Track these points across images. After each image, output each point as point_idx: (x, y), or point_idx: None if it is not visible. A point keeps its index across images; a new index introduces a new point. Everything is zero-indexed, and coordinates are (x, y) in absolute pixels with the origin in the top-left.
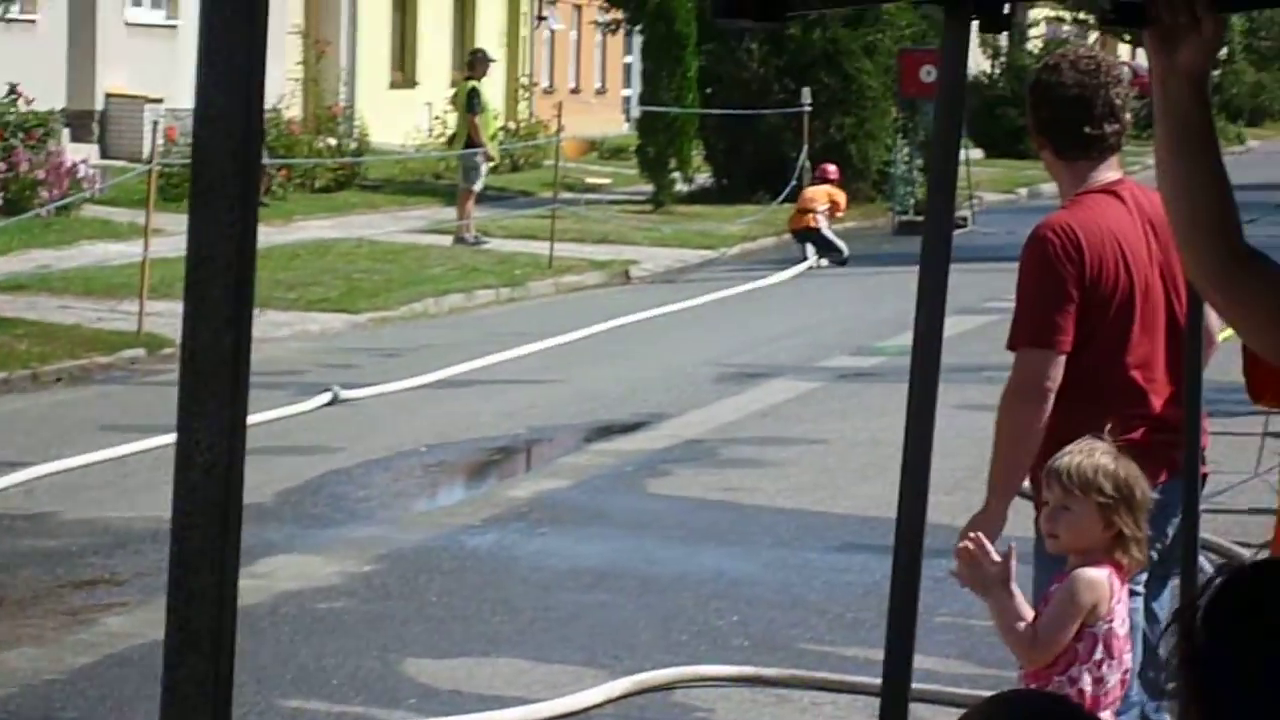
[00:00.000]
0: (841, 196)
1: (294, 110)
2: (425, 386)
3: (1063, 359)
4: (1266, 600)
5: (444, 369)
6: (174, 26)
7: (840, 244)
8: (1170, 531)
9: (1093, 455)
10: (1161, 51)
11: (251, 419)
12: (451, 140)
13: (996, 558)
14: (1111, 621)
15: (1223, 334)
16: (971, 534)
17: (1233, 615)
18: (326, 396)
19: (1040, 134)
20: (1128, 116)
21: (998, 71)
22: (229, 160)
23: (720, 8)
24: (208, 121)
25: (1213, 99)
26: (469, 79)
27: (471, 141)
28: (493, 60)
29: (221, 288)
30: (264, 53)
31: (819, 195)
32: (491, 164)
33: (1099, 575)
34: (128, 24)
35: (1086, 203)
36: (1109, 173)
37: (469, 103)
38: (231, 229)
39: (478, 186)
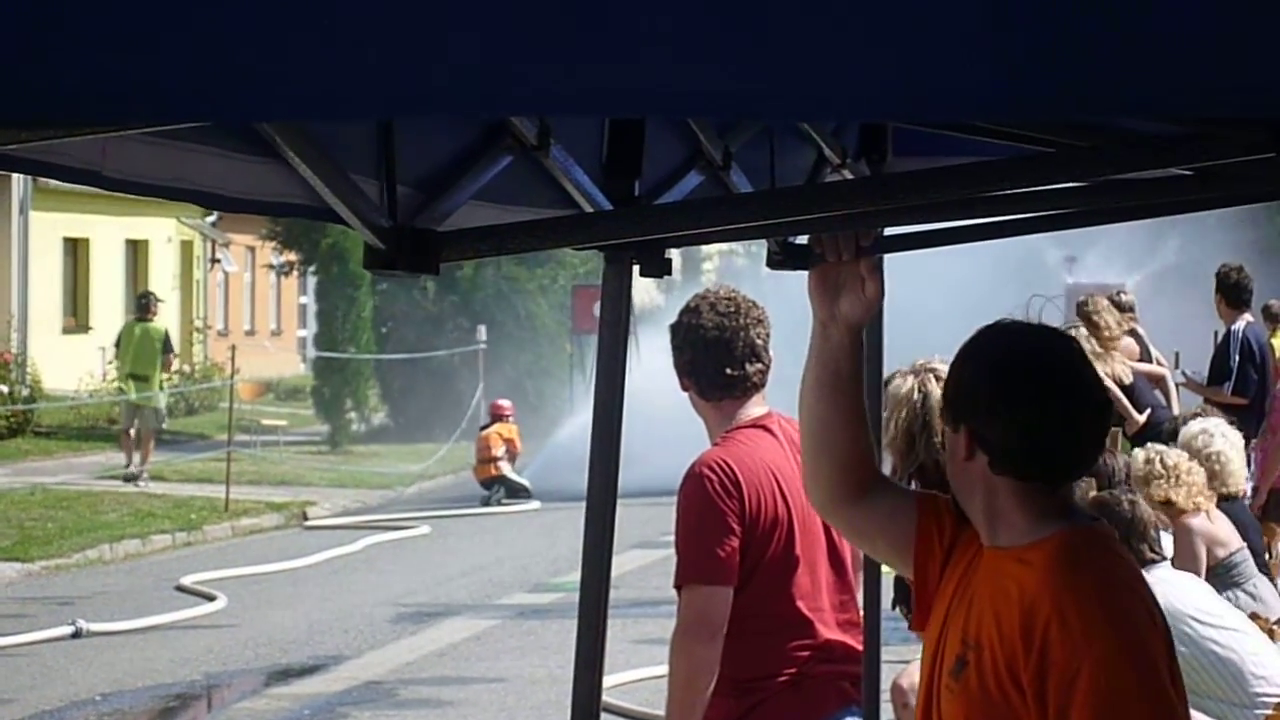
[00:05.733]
0: (514, 432)
1: None
2: (101, 634)
3: (730, 594)
4: None
5: (119, 618)
6: None
7: (526, 483)
8: None
9: None
10: (825, 300)
11: None
12: (144, 380)
13: None
14: None
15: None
16: None
17: None
18: (70, 629)
19: (684, 375)
20: (769, 355)
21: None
22: None
23: (372, 259)
24: None
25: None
26: (143, 320)
27: (162, 382)
28: (162, 301)
29: None
30: None
31: (494, 440)
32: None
33: None
34: None
35: (739, 438)
36: (755, 409)
37: (167, 343)
38: None
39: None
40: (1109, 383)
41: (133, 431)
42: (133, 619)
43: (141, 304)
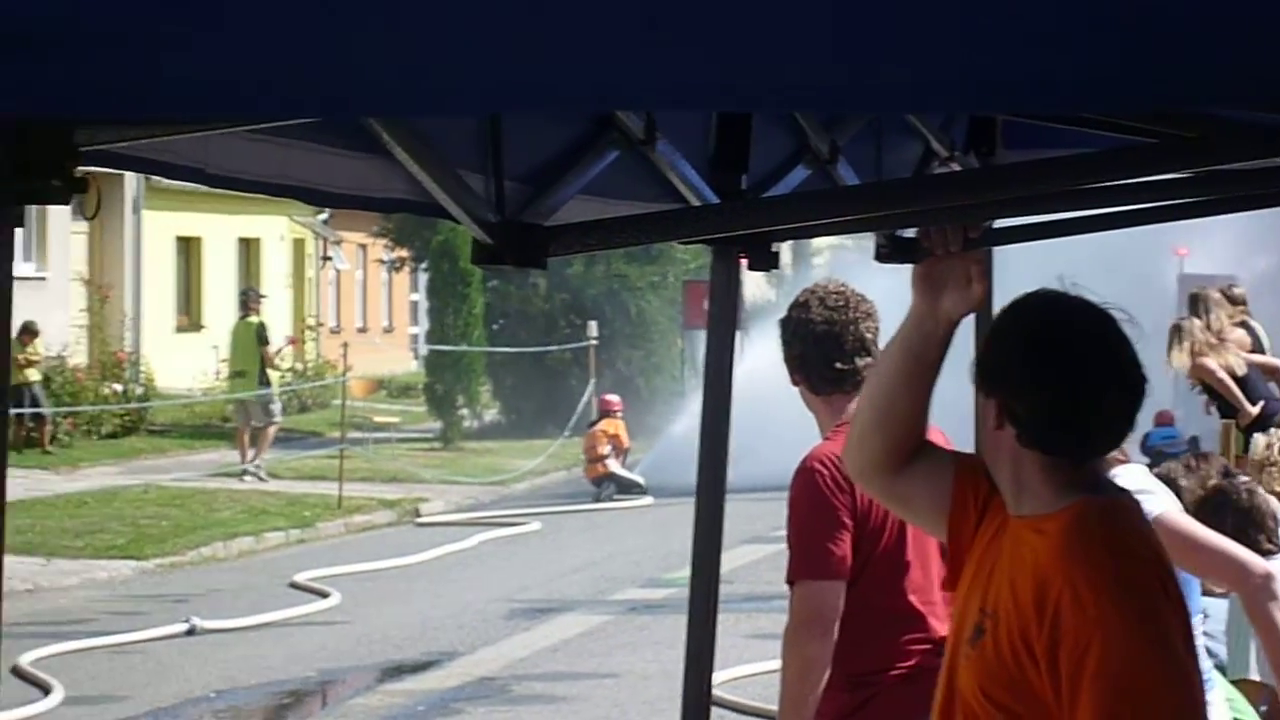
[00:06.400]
0: (620, 428)
1: (79, 357)
2: (215, 631)
3: (843, 588)
4: None
5: (233, 615)
6: None
7: (638, 479)
8: None
9: None
10: (928, 293)
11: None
12: (241, 375)
13: None
14: None
15: None
16: None
17: None
18: (184, 626)
19: (794, 370)
20: (879, 349)
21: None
22: None
23: (480, 253)
24: None
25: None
26: (246, 317)
27: (265, 375)
28: (264, 296)
29: None
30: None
31: (600, 439)
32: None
33: None
34: None
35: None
36: None
37: (262, 336)
38: None
39: (279, 418)
40: (1222, 374)
41: (247, 429)
42: (246, 616)
43: (242, 301)
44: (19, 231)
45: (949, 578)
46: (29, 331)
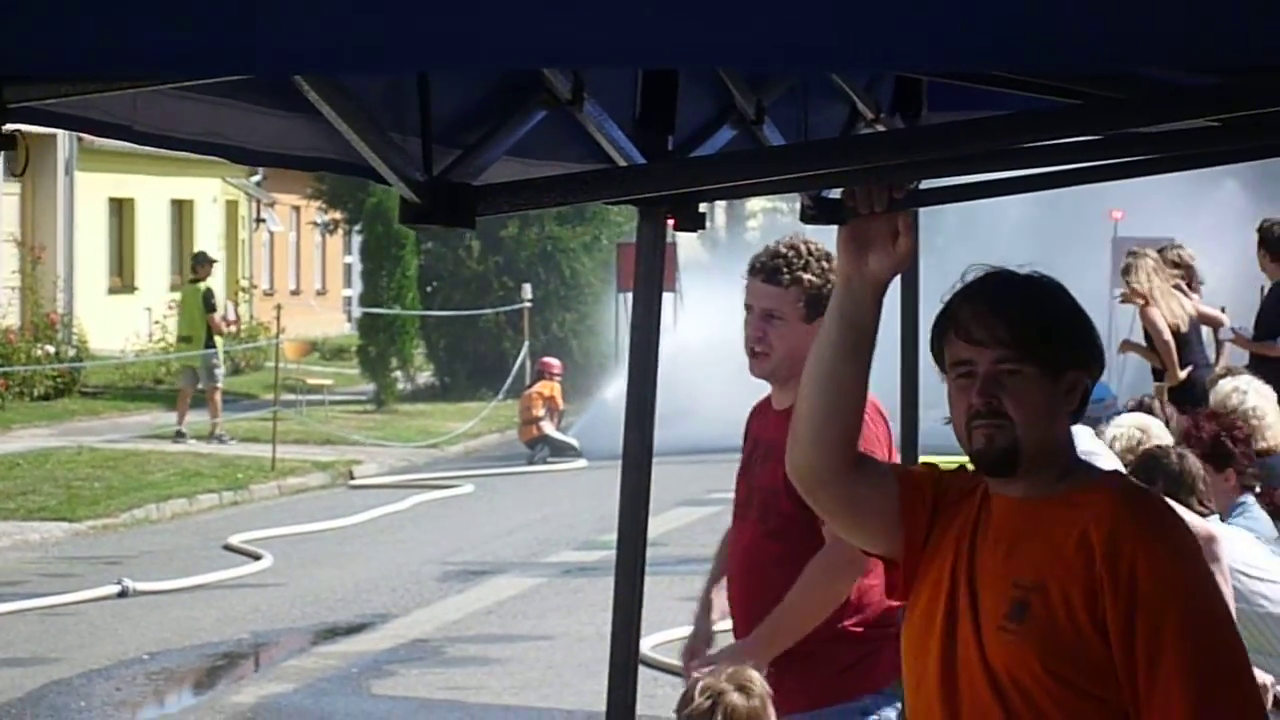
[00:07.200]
0: (557, 390)
1: (11, 318)
2: (147, 593)
3: None
4: None
5: (166, 578)
6: None
7: (572, 441)
8: None
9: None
10: (853, 253)
11: None
12: (188, 340)
13: None
14: None
15: None
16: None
17: None
18: (116, 589)
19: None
20: None
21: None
22: None
23: (408, 213)
24: None
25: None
26: (195, 281)
27: (211, 340)
28: (214, 261)
29: None
30: None
31: (535, 400)
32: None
33: None
34: None
35: None
36: None
37: (209, 302)
38: None
39: (221, 382)
40: (1167, 335)
41: (191, 393)
42: (179, 578)
43: (193, 265)
44: None
45: (900, 587)
46: None
